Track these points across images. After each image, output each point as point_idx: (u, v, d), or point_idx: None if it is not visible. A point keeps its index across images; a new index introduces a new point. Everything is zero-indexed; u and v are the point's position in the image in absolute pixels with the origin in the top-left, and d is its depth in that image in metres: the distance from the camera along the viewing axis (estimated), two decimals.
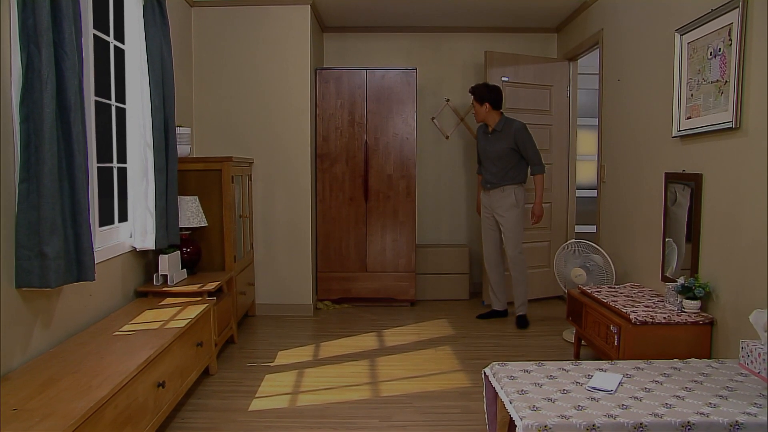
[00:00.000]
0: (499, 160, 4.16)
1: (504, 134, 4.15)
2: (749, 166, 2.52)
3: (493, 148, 4.17)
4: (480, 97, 4.17)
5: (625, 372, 2.28)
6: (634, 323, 2.79)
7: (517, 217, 4.19)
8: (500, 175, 4.17)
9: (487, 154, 4.22)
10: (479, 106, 4.18)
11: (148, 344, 2.43)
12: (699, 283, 2.81)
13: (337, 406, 2.87)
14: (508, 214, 4.18)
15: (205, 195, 3.82)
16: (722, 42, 2.68)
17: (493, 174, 4.20)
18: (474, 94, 4.21)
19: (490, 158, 4.20)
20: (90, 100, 2.83)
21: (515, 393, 2.07)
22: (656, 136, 3.38)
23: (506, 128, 4.15)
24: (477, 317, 4.44)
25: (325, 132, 4.77)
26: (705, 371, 2.29)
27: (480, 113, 4.20)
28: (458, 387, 3.09)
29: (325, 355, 3.66)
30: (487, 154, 4.21)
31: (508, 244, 4.22)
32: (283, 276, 4.58)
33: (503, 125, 4.16)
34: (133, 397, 2.15)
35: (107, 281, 2.98)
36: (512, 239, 4.20)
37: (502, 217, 4.21)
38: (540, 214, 4.23)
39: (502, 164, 4.16)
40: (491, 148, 4.18)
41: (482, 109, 4.17)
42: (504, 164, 4.16)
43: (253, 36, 4.45)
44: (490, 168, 4.21)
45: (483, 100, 4.16)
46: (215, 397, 2.98)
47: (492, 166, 4.20)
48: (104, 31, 3.11)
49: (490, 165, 4.21)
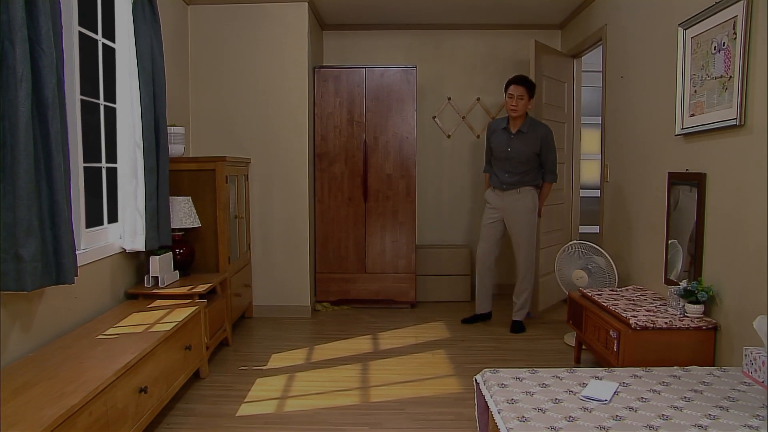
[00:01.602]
0: (521, 163, 3.96)
1: (531, 137, 3.94)
2: (754, 165, 2.41)
3: (517, 148, 3.94)
4: (531, 91, 3.92)
5: (622, 380, 2.18)
6: (634, 328, 2.68)
7: (534, 222, 4.05)
8: (519, 176, 3.98)
9: (508, 155, 3.97)
10: (528, 101, 3.90)
11: (130, 348, 2.37)
12: (702, 287, 2.70)
13: (327, 411, 2.80)
14: (524, 219, 4.01)
15: (199, 195, 3.77)
16: (726, 36, 2.57)
17: (511, 174, 3.98)
18: (527, 85, 3.90)
19: (510, 159, 3.97)
20: (75, 99, 2.78)
21: (504, 402, 1.98)
22: (660, 134, 3.27)
23: (533, 131, 3.94)
24: (462, 321, 4.31)
25: (324, 131, 4.70)
26: (706, 380, 2.19)
27: (522, 108, 3.89)
28: (453, 392, 3.00)
29: (318, 358, 3.59)
30: (510, 154, 3.96)
31: (521, 250, 4.05)
32: (280, 277, 4.52)
33: (529, 127, 3.94)
34: (112, 404, 2.09)
35: (94, 283, 2.93)
36: (526, 245, 4.03)
37: (516, 221, 4.02)
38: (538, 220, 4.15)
39: (523, 167, 3.96)
40: (515, 149, 3.94)
41: (527, 105, 3.91)
42: (525, 167, 3.96)
43: (251, 34, 4.39)
44: (510, 169, 3.98)
45: (532, 95, 3.93)
46: (204, 402, 2.92)
47: (512, 167, 3.97)
48: (95, 29, 3.07)
49: (509, 166, 3.98)
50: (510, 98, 3.91)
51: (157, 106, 3.32)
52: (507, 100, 3.94)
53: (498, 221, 4.11)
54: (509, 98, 3.92)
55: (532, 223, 4.03)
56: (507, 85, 3.97)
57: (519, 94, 3.88)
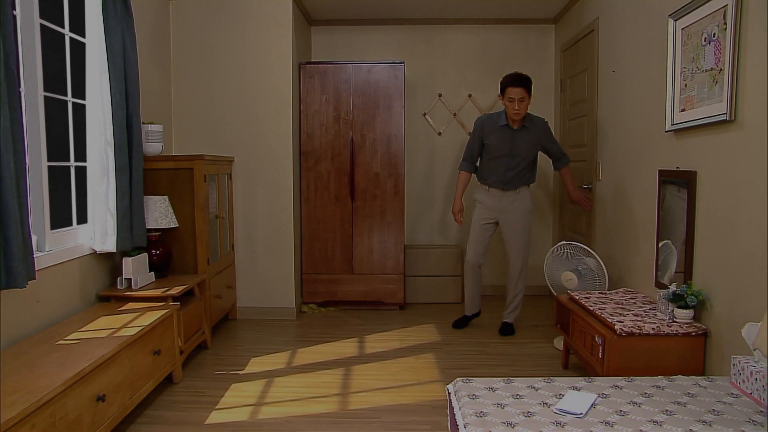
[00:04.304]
0: (524, 160, 3.78)
1: (533, 132, 3.77)
2: (745, 163, 2.28)
3: (521, 145, 3.75)
4: (531, 89, 3.68)
5: (602, 391, 2.06)
6: (619, 334, 2.56)
7: (530, 224, 3.91)
8: (520, 175, 3.81)
9: (512, 152, 3.76)
10: (529, 100, 3.66)
11: (88, 354, 2.27)
12: (692, 291, 2.57)
13: (300, 419, 2.69)
14: (522, 220, 3.85)
15: (177, 195, 3.67)
16: (716, 26, 2.43)
17: (513, 173, 3.79)
18: (527, 85, 3.64)
19: (514, 157, 3.77)
20: (37, 95, 2.67)
21: (473, 416, 1.87)
22: (650, 130, 3.14)
23: (533, 125, 3.78)
24: (453, 326, 4.13)
25: (310, 129, 4.59)
26: (691, 390, 2.06)
27: (525, 110, 3.66)
28: (432, 400, 2.89)
29: (299, 362, 3.48)
30: (513, 152, 3.76)
31: (518, 254, 3.87)
32: (265, 278, 4.42)
33: (529, 122, 3.77)
34: (62, 414, 1.99)
35: (61, 285, 2.83)
36: (522, 248, 3.88)
37: (513, 223, 3.85)
38: (583, 197, 4.03)
39: (525, 164, 3.79)
40: (520, 146, 3.75)
41: (528, 104, 3.67)
42: (527, 164, 3.80)
43: (234, 29, 4.28)
44: (512, 166, 3.78)
45: (531, 92, 3.70)
46: (174, 408, 2.81)
47: (515, 165, 3.78)
48: (64, 23, 2.97)
49: (512, 163, 3.78)
50: (510, 102, 3.64)
51: (129, 102, 3.22)
52: (507, 104, 3.67)
53: (492, 223, 3.94)
54: (509, 102, 3.65)
55: (530, 225, 3.91)
56: (504, 87, 3.69)
57: (520, 97, 3.62)
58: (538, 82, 5.11)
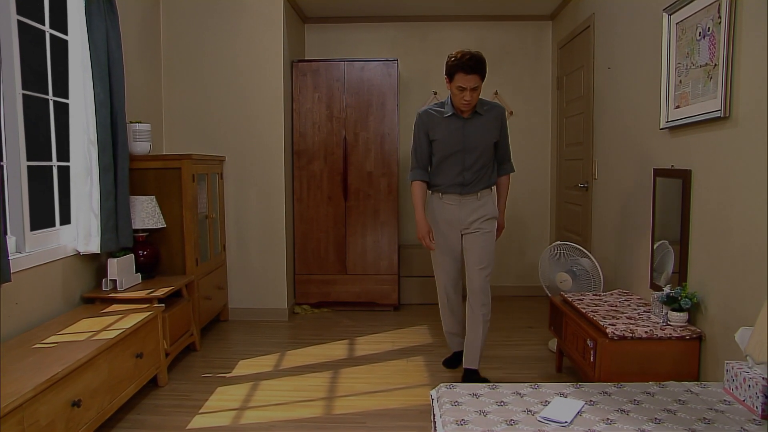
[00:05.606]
0: (481, 155, 2.96)
1: (488, 119, 2.97)
2: (740, 161, 2.20)
3: (475, 136, 2.95)
4: (484, 73, 2.86)
5: (590, 398, 1.99)
6: (611, 338, 2.49)
7: (494, 233, 3.07)
8: (478, 174, 2.98)
9: (465, 147, 2.96)
10: (480, 88, 2.87)
11: (64, 358, 2.22)
12: (686, 293, 2.49)
13: (283, 424, 2.63)
14: (487, 230, 3.01)
15: (165, 195, 3.61)
16: (711, 20, 2.36)
17: (470, 172, 2.97)
18: (482, 72, 2.84)
19: (469, 152, 2.96)
20: (15, 93, 2.62)
21: (453, 424, 1.80)
22: (645, 127, 3.06)
23: (488, 112, 2.98)
24: (444, 365, 3.36)
25: (302, 128, 4.53)
26: (683, 397, 1.99)
27: (476, 101, 2.91)
28: (420, 404, 2.82)
29: (288, 365, 3.42)
30: (466, 146, 2.95)
31: (482, 270, 2.98)
32: (257, 279, 4.36)
33: (482, 107, 2.98)
34: (32, 420, 1.94)
35: (41, 287, 2.78)
36: (487, 262, 3.00)
37: (476, 234, 3.00)
38: (503, 226, 3.20)
39: (482, 161, 2.97)
40: (473, 138, 2.95)
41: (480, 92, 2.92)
42: (484, 160, 2.98)
43: (225, 27, 4.23)
44: (468, 164, 2.97)
45: (484, 76, 2.88)
46: (157, 413, 2.76)
47: (470, 162, 2.96)
48: (44, 20, 2.92)
49: (467, 160, 2.97)
50: (460, 91, 2.84)
51: (114, 101, 3.16)
52: (455, 92, 2.87)
53: (456, 240, 3.06)
54: (459, 91, 2.84)
55: (494, 236, 3.06)
56: (453, 71, 2.85)
57: (473, 86, 2.82)
58: (535, 79, 5.05)
